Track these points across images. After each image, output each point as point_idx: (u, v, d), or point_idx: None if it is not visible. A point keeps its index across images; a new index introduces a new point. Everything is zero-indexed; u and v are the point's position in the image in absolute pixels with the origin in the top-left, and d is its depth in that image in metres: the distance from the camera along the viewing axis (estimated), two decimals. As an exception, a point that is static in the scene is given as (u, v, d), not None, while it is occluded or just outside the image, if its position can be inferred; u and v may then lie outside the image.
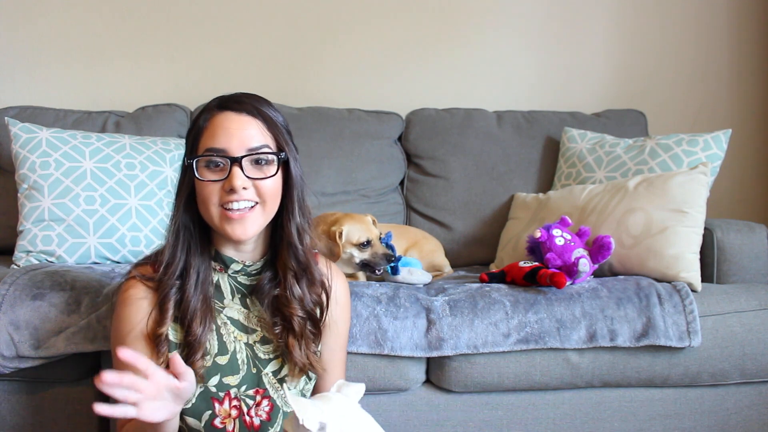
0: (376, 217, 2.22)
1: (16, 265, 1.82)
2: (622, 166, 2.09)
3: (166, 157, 2.03)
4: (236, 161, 1.10)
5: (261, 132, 1.14)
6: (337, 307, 1.28)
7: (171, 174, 2.02)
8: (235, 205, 1.11)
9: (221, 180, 1.11)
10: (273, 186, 1.14)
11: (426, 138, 2.38)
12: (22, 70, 2.52)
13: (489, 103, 2.53)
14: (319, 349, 1.25)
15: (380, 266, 1.75)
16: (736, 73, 2.70)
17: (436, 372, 1.60)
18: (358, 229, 1.76)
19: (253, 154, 1.12)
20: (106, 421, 1.60)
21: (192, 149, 1.15)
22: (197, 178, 1.12)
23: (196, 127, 1.15)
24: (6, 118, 2.05)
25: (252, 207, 1.13)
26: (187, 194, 1.16)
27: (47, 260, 1.83)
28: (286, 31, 2.60)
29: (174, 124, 2.29)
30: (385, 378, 1.55)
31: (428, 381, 1.62)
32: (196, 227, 1.18)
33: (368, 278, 1.84)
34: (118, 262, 1.89)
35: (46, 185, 1.88)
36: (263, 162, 1.13)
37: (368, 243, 1.76)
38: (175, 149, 2.09)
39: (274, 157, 1.14)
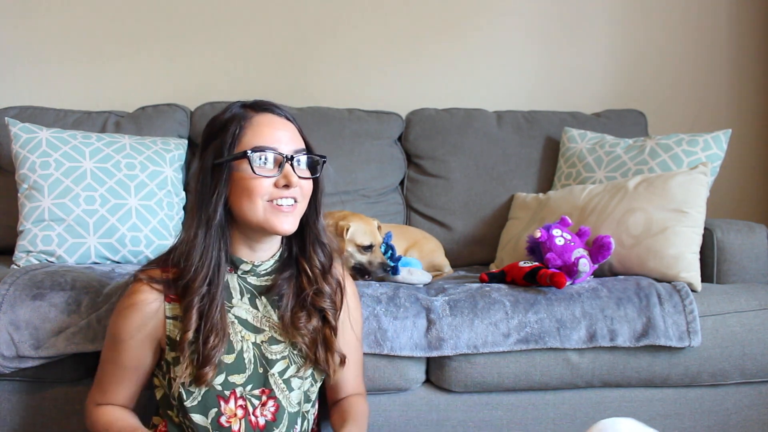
0: (376, 217, 2.22)
1: (16, 265, 1.82)
2: (622, 166, 2.09)
3: (166, 157, 2.04)
4: (290, 159, 1.16)
5: (298, 135, 1.21)
6: (346, 306, 1.30)
7: (171, 174, 2.02)
8: (284, 201, 1.17)
9: (275, 176, 1.15)
10: (310, 186, 1.22)
11: (426, 138, 2.38)
12: (22, 70, 2.52)
13: (489, 103, 2.53)
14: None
15: (374, 274, 1.76)
16: (736, 73, 2.70)
17: (436, 372, 1.60)
18: (364, 231, 1.77)
19: (304, 154, 1.19)
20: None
21: (230, 147, 1.16)
22: (255, 173, 1.14)
23: (234, 126, 1.17)
24: (6, 118, 2.05)
25: (294, 204, 1.19)
26: (226, 191, 1.16)
27: (47, 260, 1.83)
28: (286, 30, 2.60)
29: (174, 124, 2.29)
30: (385, 378, 1.55)
31: (428, 381, 1.62)
32: (227, 225, 1.19)
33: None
34: (118, 262, 1.89)
35: (46, 185, 1.88)
36: (302, 163, 1.20)
37: (370, 247, 1.76)
38: (175, 149, 2.09)
39: (319, 159, 1.22)
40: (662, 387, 1.64)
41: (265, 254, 1.24)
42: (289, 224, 1.18)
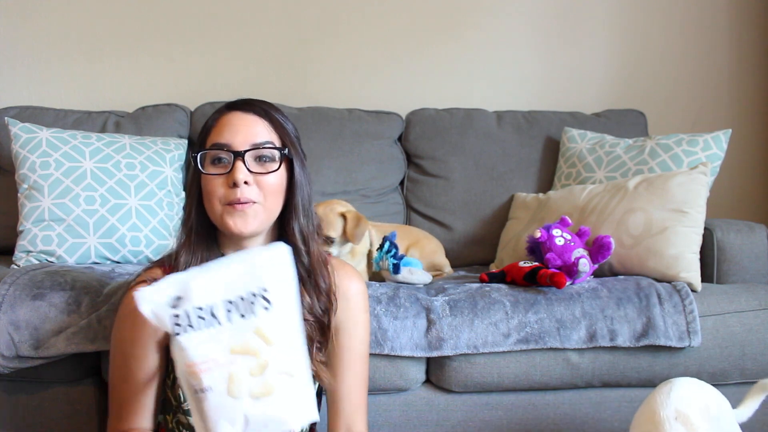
0: (377, 217, 2.22)
1: (16, 265, 1.82)
2: (622, 166, 2.09)
3: (166, 157, 2.03)
4: (239, 155, 1.11)
5: (266, 130, 1.15)
6: (347, 310, 1.23)
7: (171, 174, 2.02)
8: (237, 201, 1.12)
9: (224, 174, 1.11)
10: (275, 183, 1.14)
11: (426, 138, 2.38)
12: (22, 70, 2.52)
13: (489, 103, 2.52)
14: (324, 357, 1.21)
15: None
16: (736, 73, 2.70)
17: (436, 372, 1.60)
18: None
19: (255, 149, 1.12)
20: (106, 421, 1.60)
21: (199, 147, 1.16)
22: (202, 172, 1.12)
23: (206, 126, 1.17)
24: (6, 118, 2.05)
25: (250, 203, 1.12)
26: (198, 193, 1.15)
27: (47, 260, 1.83)
28: (286, 31, 2.60)
29: (174, 124, 2.29)
30: (385, 378, 1.55)
31: (428, 381, 1.62)
32: (210, 226, 1.17)
33: (371, 278, 1.84)
34: (118, 262, 1.89)
35: (46, 185, 1.88)
36: (266, 159, 1.14)
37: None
38: (175, 149, 2.09)
39: (277, 154, 1.14)
40: (662, 387, 1.64)
41: None
42: (243, 224, 1.11)
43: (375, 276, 1.85)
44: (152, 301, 0.92)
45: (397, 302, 1.58)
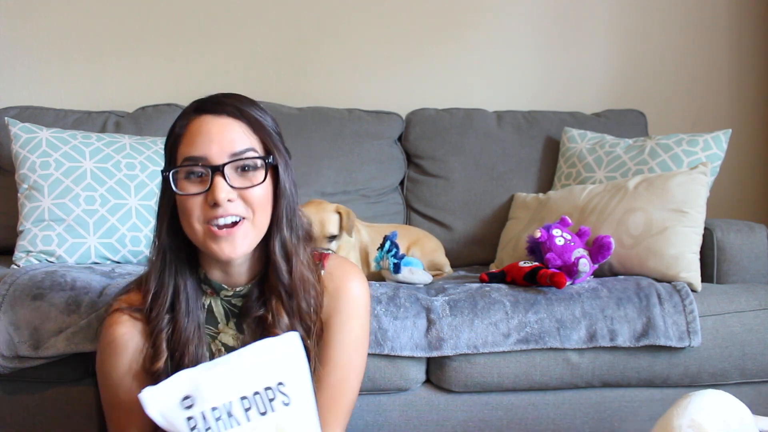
0: (377, 218, 2.22)
1: (16, 265, 1.82)
2: (622, 166, 2.09)
3: (166, 157, 2.04)
4: (218, 170, 0.98)
5: (245, 134, 1.02)
6: (342, 313, 1.12)
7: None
8: (221, 221, 0.99)
9: (203, 192, 0.99)
10: (262, 194, 1.02)
11: (426, 138, 2.38)
12: (22, 70, 2.52)
13: (489, 103, 2.52)
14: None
15: None
16: (736, 73, 2.70)
17: (436, 372, 1.60)
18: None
19: (236, 160, 1.00)
20: (106, 422, 1.60)
21: (170, 161, 1.03)
22: (176, 192, 1.00)
23: (173, 136, 1.03)
24: (6, 118, 2.05)
25: (240, 221, 1.01)
26: (170, 211, 1.04)
27: (47, 260, 1.83)
28: (286, 31, 2.60)
29: (174, 124, 2.29)
30: (385, 378, 1.55)
31: (428, 381, 1.62)
32: (183, 247, 1.06)
33: (369, 276, 1.83)
34: (118, 262, 1.89)
35: (46, 185, 1.88)
36: (249, 168, 1.01)
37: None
38: (175, 149, 2.09)
39: (261, 162, 1.02)
40: (662, 387, 1.64)
41: (240, 278, 1.09)
42: (231, 249, 1.00)
43: (375, 275, 1.85)
44: (161, 402, 0.87)
45: (397, 302, 1.58)
